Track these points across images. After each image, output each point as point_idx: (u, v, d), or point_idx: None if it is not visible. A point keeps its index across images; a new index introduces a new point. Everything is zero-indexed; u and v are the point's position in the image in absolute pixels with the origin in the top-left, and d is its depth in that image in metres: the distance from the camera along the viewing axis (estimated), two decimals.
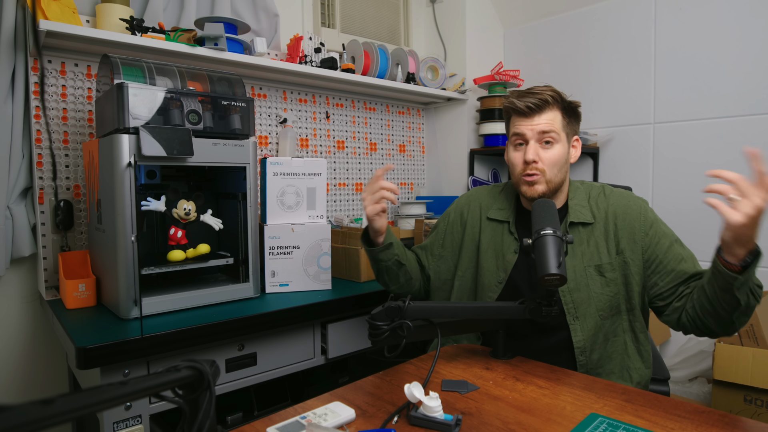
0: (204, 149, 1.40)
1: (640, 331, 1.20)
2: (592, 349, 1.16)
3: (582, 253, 1.19)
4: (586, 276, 1.18)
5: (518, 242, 1.25)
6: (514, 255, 1.25)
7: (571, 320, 1.17)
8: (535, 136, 1.17)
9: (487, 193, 1.38)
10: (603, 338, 1.17)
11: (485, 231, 1.31)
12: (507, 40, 2.79)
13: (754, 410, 1.70)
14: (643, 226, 1.19)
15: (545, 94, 1.17)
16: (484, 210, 1.34)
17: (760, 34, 1.94)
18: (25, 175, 1.64)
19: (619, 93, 2.35)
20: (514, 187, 1.33)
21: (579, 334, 1.16)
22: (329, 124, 2.40)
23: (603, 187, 1.27)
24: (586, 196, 1.25)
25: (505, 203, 1.32)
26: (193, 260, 1.50)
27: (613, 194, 1.24)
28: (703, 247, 2.12)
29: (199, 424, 0.58)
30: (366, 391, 0.96)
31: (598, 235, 1.20)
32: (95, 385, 0.49)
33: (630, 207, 1.21)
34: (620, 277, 1.18)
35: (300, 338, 1.54)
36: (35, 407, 0.40)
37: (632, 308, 1.19)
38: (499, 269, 1.25)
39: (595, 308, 1.17)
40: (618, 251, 1.18)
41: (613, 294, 1.17)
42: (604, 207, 1.22)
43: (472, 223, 1.35)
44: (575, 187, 1.28)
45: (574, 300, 1.18)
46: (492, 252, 1.28)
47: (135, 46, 1.63)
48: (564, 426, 0.81)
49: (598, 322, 1.17)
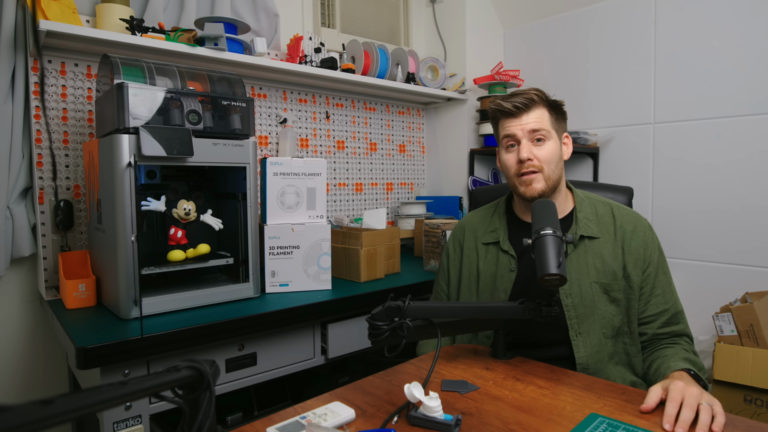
0: (204, 149, 1.40)
1: (634, 355, 1.18)
2: (596, 369, 1.14)
3: (588, 268, 1.17)
4: (591, 292, 1.16)
5: (515, 258, 1.24)
6: (511, 273, 1.23)
7: (573, 336, 1.15)
8: (527, 135, 1.16)
9: (479, 218, 1.36)
10: (607, 358, 1.15)
11: (481, 258, 1.30)
12: (507, 40, 2.79)
13: (754, 410, 1.70)
14: (645, 254, 1.18)
15: (530, 93, 1.17)
16: (479, 237, 1.33)
17: (761, 33, 1.94)
18: (25, 175, 1.64)
19: (619, 93, 2.35)
20: (506, 200, 1.33)
21: (581, 351, 1.14)
22: (329, 124, 2.40)
23: (610, 205, 1.25)
24: (593, 210, 1.23)
25: (497, 223, 1.30)
26: (193, 260, 1.50)
27: (620, 215, 1.22)
28: (703, 247, 2.12)
29: (199, 424, 0.58)
30: (366, 391, 0.96)
31: (606, 252, 1.18)
32: (95, 385, 0.49)
33: (636, 232, 1.20)
34: (624, 300, 1.17)
35: (300, 338, 1.54)
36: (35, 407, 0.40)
37: (631, 332, 1.17)
38: (499, 290, 1.24)
39: (600, 325, 1.15)
40: (625, 275, 1.17)
41: (616, 314, 1.16)
42: (611, 227, 1.21)
43: (468, 253, 1.34)
44: (581, 198, 1.26)
45: (578, 315, 1.16)
46: (488, 277, 1.27)
47: (135, 46, 1.63)
48: (564, 426, 0.81)
49: (602, 341, 1.15)
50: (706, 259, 2.12)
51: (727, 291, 2.00)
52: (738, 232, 2.02)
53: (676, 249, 2.19)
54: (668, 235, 2.21)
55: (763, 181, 1.95)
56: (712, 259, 2.09)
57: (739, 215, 2.01)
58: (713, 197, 2.08)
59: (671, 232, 2.20)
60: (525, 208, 1.26)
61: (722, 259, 2.07)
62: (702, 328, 2.02)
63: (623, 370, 1.16)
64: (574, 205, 1.25)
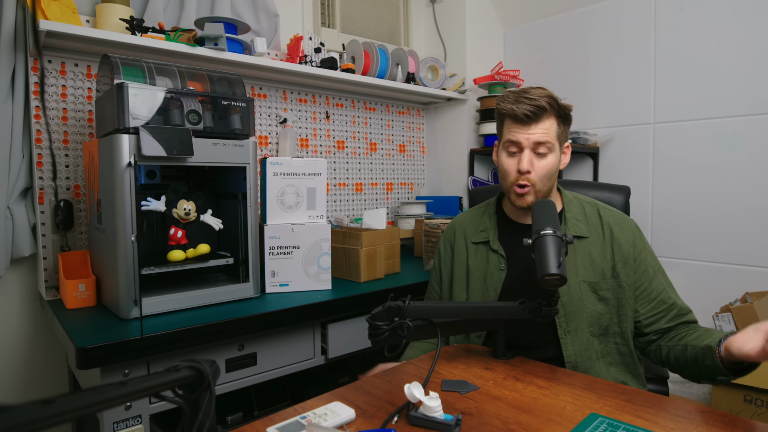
0: (204, 149, 1.40)
1: (628, 355, 1.18)
2: (585, 367, 1.15)
3: (576, 267, 1.19)
4: (580, 290, 1.17)
5: (504, 258, 1.24)
6: (501, 272, 1.24)
7: (562, 334, 1.16)
8: (531, 145, 1.16)
9: (469, 218, 1.37)
10: (595, 356, 1.16)
11: (471, 257, 1.31)
12: (507, 40, 2.79)
13: (754, 410, 1.70)
14: (633, 252, 1.19)
15: (542, 100, 1.13)
16: (468, 236, 1.34)
17: (761, 33, 1.94)
18: (25, 175, 1.64)
19: (618, 93, 2.35)
20: (496, 201, 1.34)
21: (570, 349, 1.15)
22: (329, 124, 2.40)
23: (597, 205, 1.26)
24: (581, 210, 1.25)
25: (487, 223, 1.31)
26: (193, 260, 1.50)
27: (606, 215, 1.24)
28: (703, 247, 2.12)
29: (199, 424, 0.58)
30: (366, 391, 0.96)
31: (594, 252, 1.19)
32: (95, 385, 0.49)
33: (623, 231, 1.21)
34: (613, 299, 1.17)
35: (300, 338, 1.54)
36: (35, 407, 0.40)
37: (622, 332, 1.17)
38: (489, 289, 1.25)
39: (587, 323, 1.16)
40: (614, 274, 1.18)
41: (604, 313, 1.17)
42: (598, 226, 1.22)
43: (459, 252, 1.35)
44: (569, 199, 1.27)
45: (567, 314, 1.17)
46: (479, 276, 1.28)
47: (135, 46, 1.63)
48: (564, 426, 0.81)
49: (589, 339, 1.16)
50: (706, 259, 2.12)
51: (727, 291, 2.00)
52: (738, 232, 2.02)
53: (676, 249, 2.19)
54: (668, 235, 2.21)
55: (763, 181, 1.95)
56: (712, 259, 2.10)
57: (739, 215, 2.01)
58: (713, 197, 2.08)
59: (671, 231, 2.20)
60: (515, 208, 1.27)
61: (722, 259, 2.07)
62: None
63: (617, 371, 1.17)
64: (563, 205, 1.26)
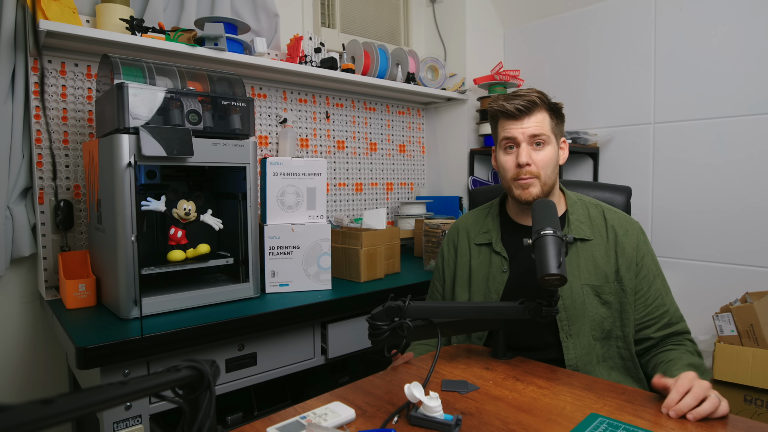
0: (204, 149, 1.40)
1: (629, 359, 1.17)
2: (586, 371, 1.14)
3: (579, 270, 1.18)
4: (582, 294, 1.17)
5: (507, 260, 1.24)
6: (503, 274, 1.24)
7: (564, 337, 1.16)
8: (527, 138, 1.16)
9: (473, 219, 1.37)
10: (596, 360, 1.16)
11: (474, 258, 1.31)
12: (507, 40, 2.79)
13: (754, 410, 1.70)
14: (636, 256, 1.18)
15: (532, 95, 1.16)
16: (472, 237, 1.33)
17: (761, 33, 1.94)
18: (25, 175, 1.64)
19: (618, 93, 2.35)
20: (500, 202, 1.33)
21: (571, 352, 1.15)
22: (329, 124, 2.40)
23: (602, 207, 1.25)
24: (585, 212, 1.24)
25: (490, 224, 1.31)
26: (193, 260, 1.50)
27: (612, 217, 1.23)
28: (703, 247, 2.12)
29: (199, 424, 0.58)
30: (366, 391, 0.96)
31: (598, 255, 1.19)
32: (95, 385, 0.49)
33: (628, 234, 1.20)
34: (616, 303, 1.17)
35: (300, 338, 1.54)
36: (35, 407, 0.40)
37: (624, 336, 1.17)
38: (492, 291, 1.24)
39: (589, 327, 1.16)
40: (617, 278, 1.17)
41: (607, 317, 1.16)
42: (603, 229, 1.21)
43: (462, 253, 1.34)
44: (573, 201, 1.26)
45: (569, 317, 1.16)
46: (482, 277, 1.28)
47: (135, 46, 1.63)
48: (564, 426, 0.81)
49: (591, 342, 1.16)
50: (706, 259, 2.12)
51: (727, 291, 2.00)
52: (738, 232, 2.02)
53: (675, 249, 2.19)
54: (668, 235, 2.21)
55: (763, 181, 1.95)
56: (712, 259, 2.10)
57: (739, 215, 2.01)
58: (713, 197, 2.08)
59: (671, 232, 2.20)
60: (518, 210, 1.26)
61: (722, 259, 2.07)
62: (702, 328, 2.02)
63: (618, 375, 1.16)
64: (566, 207, 1.25)
